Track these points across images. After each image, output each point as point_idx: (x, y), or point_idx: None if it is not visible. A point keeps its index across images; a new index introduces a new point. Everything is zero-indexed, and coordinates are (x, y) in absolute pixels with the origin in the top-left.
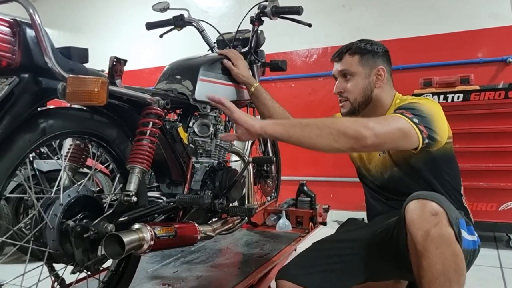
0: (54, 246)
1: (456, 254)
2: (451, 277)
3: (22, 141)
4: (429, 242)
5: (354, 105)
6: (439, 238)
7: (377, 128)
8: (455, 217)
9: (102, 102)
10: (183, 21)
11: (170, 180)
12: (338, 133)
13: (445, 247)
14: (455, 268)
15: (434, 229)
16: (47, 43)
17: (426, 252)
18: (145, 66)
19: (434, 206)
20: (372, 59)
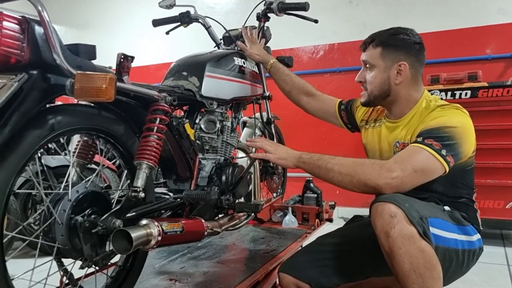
0: (62, 241)
1: (423, 250)
2: (422, 273)
3: (31, 137)
4: (391, 243)
5: (370, 97)
6: (400, 237)
7: (398, 175)
8: (417, 216)
9: (110, 99)
10: (189, 17)
11: (177, 176)
12: (359, 183)
13: (409, 245)
14: (424, 264)
15: (393, 230)
16: (55, 40)
17: (392, 253)
18: (152, 62)
19: (392, 208)
20: (395, 53)
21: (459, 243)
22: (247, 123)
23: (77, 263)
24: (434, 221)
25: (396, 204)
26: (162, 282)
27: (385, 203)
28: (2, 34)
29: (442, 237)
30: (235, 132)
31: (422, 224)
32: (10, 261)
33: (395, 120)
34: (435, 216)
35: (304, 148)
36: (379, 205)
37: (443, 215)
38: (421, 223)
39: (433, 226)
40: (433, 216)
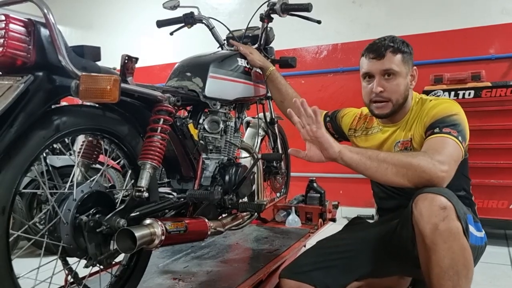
0: (67, 241)
1: (464, 248)
2: (460, 271)
3: (37, 138)
4: (437, 236)
5: (395, 107)
6: (447, 232)
7: (448, 168)
8: (463, 212)
9: (115, 100)
10: (193, 18)
11: (181, 176)
12: (413, 175)
13: (453, 241)
14: (463, 262)
15: (442, 223)
16: (60, 42)
17: (435, 246)
18: (156, 63)
19: (443, 200)
20: (410, 59)
21: (478, 239)
22: (251, 123)
23: (81, 262)
24: (470, 218)
25: (447, 197)
26: (165, 281)
27: (435, 195)
28: (8, 36)
29: (473, 235)
30: (239, 132)
31: (466, 220)
32: (16, 260)
33: (393, 124)
34: (469, 213)
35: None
36: (428, 196)
37: (470, 211)
38: (465, 219)
39: (470, 223)
40: (468, 213)
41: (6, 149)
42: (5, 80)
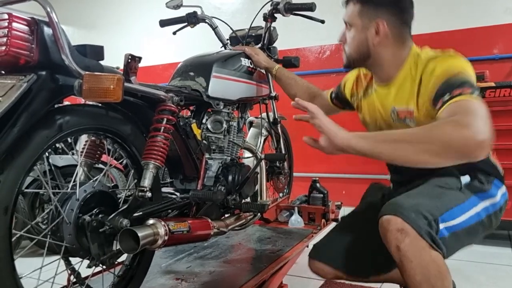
0: (70, 241)
1: (433, 260)
2: (434, 283)
3: (40, 137)
4: (402, 257)
5: (350, 60)
6: (410, 252)
7: (474, 123)
8: (425, 224)
9: (118, 99)
10: (196, 18)
11: (184, 176)
12: (440, 148)
13: (420, 257)
14: (435, 274)
15: (403, 244)
16: (64, 41)
17: (403, 265)
18: (159, 62)
19: (398, 222)
20: (374, 11)
21: (482, 212)
22: (254, 123)
23: (84, 262)
24: (446, 216)
25: (402, 217)
26: (168, 282)
27: (391, 217)
28: (12, 35)
29: (459, 223)
30: (242, 132)
31: (430, 232)
32: (18, 260)
33: (385, 83)
34: (447, 209)
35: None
36: (384, 220)
37: (457, 199)
38: (429, 232)
39: (446, 220)
40: (445, 210)
41: (9, 149)
42: (8, 79)
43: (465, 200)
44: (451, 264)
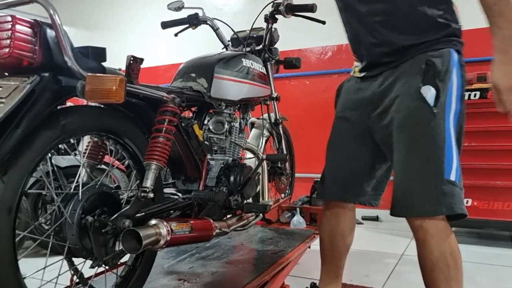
0: (73, 241)
1: (450, 242)
2: (449, 263)
3: (43, 139)
4: (425, 234)
5: None
6: (432, 229)
7: None
8: (438, 200)
9: (120, 100)
10: (197, 19)
11: (186, 177)
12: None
13: (440, 236)
14: (451, 253)
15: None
16: (66, 42)
17: (425, 241)
18: (160, 63)
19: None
20: None
21: (457, 125)
22: (255, 124)
23: (87, 263)
24: (447, 172)
25: (419, 215)
26: (171, 282)
27: (413, 220)
28: (15, 37)
29: (457, 164)
30: (243, 133)
31: (445, 202)
32: (20, 260)
33: None
34: (443, 167)
35: (312, 149)
36: (414, 224)
37: (438, 139)
38: (445, 203)
39: (449, 175)
40: (444, 169)
41: (13, 150)
42: (12, 81)
43: (445, 137)
44: None
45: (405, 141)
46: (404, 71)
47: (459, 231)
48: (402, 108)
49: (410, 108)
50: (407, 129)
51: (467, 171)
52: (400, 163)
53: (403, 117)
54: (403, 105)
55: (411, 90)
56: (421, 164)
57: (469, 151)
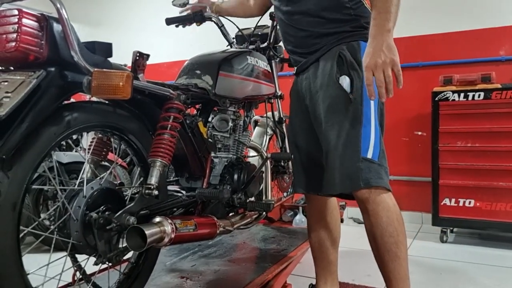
0: (77, 237)
1: (394, 205)
2: (397, 226)
3: (48, 134)
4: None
5: None
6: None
7: None
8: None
9: (127, 96)
10: (202, 16)
11: (189, 174)
12: None
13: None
14: (397, 218)
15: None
16: (73, 37)
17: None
18: (164, 60)
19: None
20: None
21: (375, 109)
22: (259, 122)
23: (90, 260)
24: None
25: (341, 191)
26: (173, 280)
27: (357, 194)
28: (21, 31)
29: (375, 142)
30: (247, 131)
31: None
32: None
33: None
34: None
35: None
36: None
37: (355, 122)
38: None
39: (366, 154)
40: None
41: (18, 145)
42: (17, 75)
43: (362, 120)
44: (455, 266)
45: (330, 126)
46: (323, 63)
47: (460, 232)
48: (325, 97)
49: (332, 97)
50: (331, 115)
51: (470, 172)
52: (327, 146)
53: (327, 105)
54: (326, 94)
55: (330, 81)
56: (342, 146)
57: (472, 152)
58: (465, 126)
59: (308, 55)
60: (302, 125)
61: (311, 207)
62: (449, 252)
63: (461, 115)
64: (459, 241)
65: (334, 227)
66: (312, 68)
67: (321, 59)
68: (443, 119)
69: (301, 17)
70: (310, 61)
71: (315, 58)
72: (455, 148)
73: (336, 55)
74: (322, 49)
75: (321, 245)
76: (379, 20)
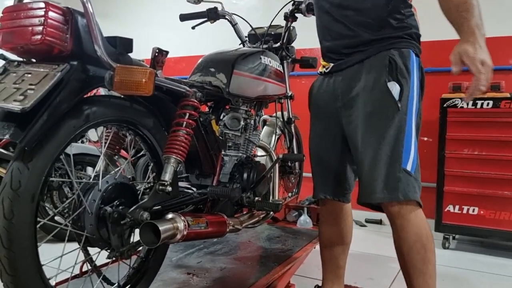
0: (91, 231)
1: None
2: (425, 243)
3: (68, 127)
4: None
5: None
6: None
7: None
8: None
9: (149, 93)
10: (216, 14)
11: (200, 172)
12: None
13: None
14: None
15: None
16: (97, 32)
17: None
18: (171, 55)
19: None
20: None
21: (417, 118)
22: (268, 121)
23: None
24: (404, 162)
25: (380, 200)
26: (180, 276)
27: (388, 206)
28: (47, 24)
29: (414, 154)
30: (257, 130)
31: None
32: None
33: None
34: (401, 156)
35: None
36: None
37: (399, 131)
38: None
39: (406, 165)
40: (401, 157)
41: (39, 137)
42: (41, 67)
43: (405, 130)
44: (457, 273)
45: (371, 132)
46: (369, 66)
47: (462, 239)
48: (368, 101)
49: (377, 101)
50: (373, 120)
51: (475, 179)
52: (366, 152)
53: (369, 110)
54: (370, 98)
55: (377, 85)
56: (384, 154)
57: (478, 160)
58: (472, 134)
59: (351, 55)
60: (329, 127)
61: (326, 211)
62: (451, 259)
63: (469, 123)
64: (461, 248)
65: (347, 233)
66: (353, 69)
67: (366, 61)
68: (451, 126)
69: (354, 15)
70: (352, 62)
71: (359, 59)
72: (462, 156)
73: (386, 60)
74: (369, 51)
75: (332, 250)
76: (473, 20)
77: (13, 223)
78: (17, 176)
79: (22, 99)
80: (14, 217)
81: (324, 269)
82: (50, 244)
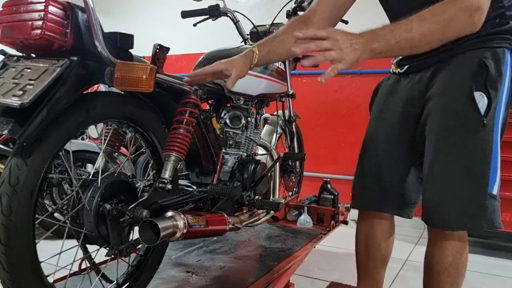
0: (90, 228)
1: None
2: (459, 269)
3: (67, 123)
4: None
5: None
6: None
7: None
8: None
9: (150, 89)
10: (218, 11)
11: (200, 170)
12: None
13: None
14: (463, 261)
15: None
16: (98, 27)
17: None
18: (171, 52)
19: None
20: None
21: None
22: (268, 120)
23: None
24: (491, 186)
25: (457, 228)
26: (179, 274)
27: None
28: (47, 18)
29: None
30: (258, 129)
31: (476, 215)
32: None
33: None
34: (488, 180)
35: (321, 148)
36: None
37: (485, 153)
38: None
39: (492, 189)
40: (488, 181)
41: (39, 133)
42: (40, 62)
43: (492, 149)
44: None
45: (448, 147)
46: (453, 68)
47: None
48: (445, 111)
49: (459, 113)
50: (452, 135)
51: None
52: (440, 169)
53: (446, 122)
54: (447, 107)
55: (461, 92)
56: (464, 175)
57: None
58: None
59: (432, 54)
60: (391, 134)
61: (365, 223)
62: None
63: None
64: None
65: (387, 244)
66: (432, 69)
67: (449, 61)
68: None
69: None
70: (433, 61)
71: (441, 58)
72: None
73: (475, 63)
74: (453, 49)
75: (369, 262)
76: (391, 42)
77: (11, 219)
78: (16, 172)
79: (21, 94)
80: (12, 213)
81: (359, 282)
82: (49, 241)
